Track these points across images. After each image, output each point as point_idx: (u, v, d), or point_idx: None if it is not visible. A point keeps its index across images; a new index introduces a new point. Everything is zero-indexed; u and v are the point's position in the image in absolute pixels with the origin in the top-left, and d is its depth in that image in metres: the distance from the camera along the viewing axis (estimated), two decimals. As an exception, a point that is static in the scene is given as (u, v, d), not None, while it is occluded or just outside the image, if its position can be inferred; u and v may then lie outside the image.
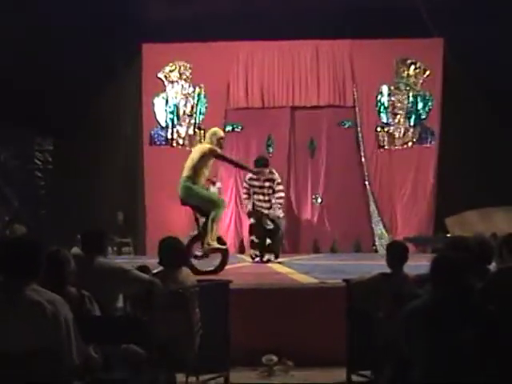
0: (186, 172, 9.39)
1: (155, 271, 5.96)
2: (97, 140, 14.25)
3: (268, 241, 11.62)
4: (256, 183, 11.59)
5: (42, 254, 4.03)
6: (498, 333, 3.92)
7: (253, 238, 11.78)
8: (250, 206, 11.81)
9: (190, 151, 14.39)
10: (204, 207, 9.46)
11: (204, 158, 9.45)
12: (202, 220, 9.54)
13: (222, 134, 9.85)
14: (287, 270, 10.47)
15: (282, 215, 11.83)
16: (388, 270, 6.00)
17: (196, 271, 8.58)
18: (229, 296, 6.74)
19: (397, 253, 6.05)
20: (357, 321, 6.36)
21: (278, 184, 11.66)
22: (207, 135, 9.92)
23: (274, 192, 11.58)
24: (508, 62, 13.04)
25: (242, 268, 11.18)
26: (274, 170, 11.75)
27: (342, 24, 14.08)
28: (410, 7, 13.37)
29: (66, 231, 11.33)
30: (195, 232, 9.78)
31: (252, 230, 11.85)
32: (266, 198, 11.59)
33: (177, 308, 5.60)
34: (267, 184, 11.56)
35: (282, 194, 11.84)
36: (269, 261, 11.50)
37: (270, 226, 11.60)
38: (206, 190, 10.72)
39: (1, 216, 14.42)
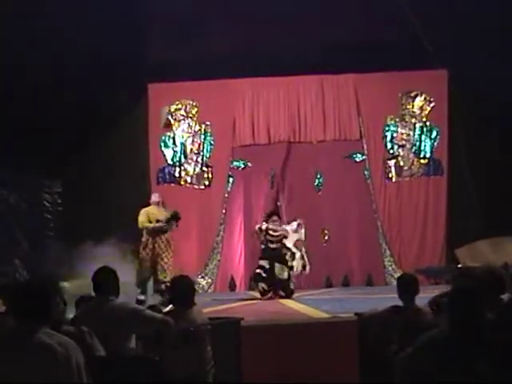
0: None
1: (165, 310, 5.94)
2: (105, 180, 14.28)
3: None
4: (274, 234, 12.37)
5: (54, 297, 4.03)
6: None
7: (260, 271, 12.17)
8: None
9: (199, 189, 14.74)
10: None
11: None
12: None
13: None
14: (299, 305, 10.43)
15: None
16: (400, 303, 5.98)
17: None
18: (240, 333, 6.72)
19: (407, 285, 6.03)
20: (369, 355, 6.32)
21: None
22: None
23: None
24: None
25: (254, 305, 11.14)
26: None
27: (346, 58, 14.15)
28: (413, 40, 13.47)
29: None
30: None
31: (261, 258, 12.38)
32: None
33: (189, 347, 5.58)
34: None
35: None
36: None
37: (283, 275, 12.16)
38: None
39: (11, 259, 14.40)
